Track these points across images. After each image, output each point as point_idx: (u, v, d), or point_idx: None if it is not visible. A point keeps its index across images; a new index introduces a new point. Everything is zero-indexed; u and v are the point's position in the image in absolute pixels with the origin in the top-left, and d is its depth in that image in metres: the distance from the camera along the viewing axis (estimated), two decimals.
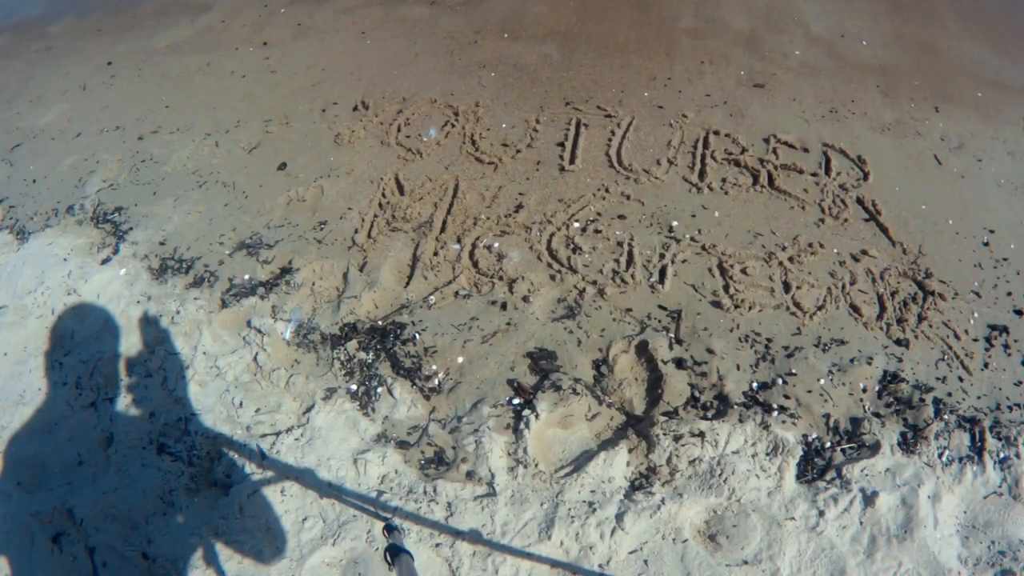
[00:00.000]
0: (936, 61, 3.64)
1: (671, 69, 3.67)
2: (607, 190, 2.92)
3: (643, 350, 2.35)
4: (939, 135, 3.15)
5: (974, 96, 3.38)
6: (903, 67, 3.60)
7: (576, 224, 2.80)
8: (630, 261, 2.63)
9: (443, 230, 2.88)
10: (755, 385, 2.23)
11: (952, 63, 3.62)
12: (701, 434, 2.08)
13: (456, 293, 2.63)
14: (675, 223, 2.75)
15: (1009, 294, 2.47)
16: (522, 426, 2.18)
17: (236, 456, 2.27)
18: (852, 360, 2.27)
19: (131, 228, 3.25)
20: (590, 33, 4.07)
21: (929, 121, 3.24)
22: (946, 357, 2.28)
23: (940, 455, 2.04)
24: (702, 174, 2.96)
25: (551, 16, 4.28)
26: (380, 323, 2.57)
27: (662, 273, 2.57)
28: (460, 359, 2.42)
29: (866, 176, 2.92)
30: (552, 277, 2.62)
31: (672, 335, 2.38)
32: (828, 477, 2.01)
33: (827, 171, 2.96)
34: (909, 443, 2.06)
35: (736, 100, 3.40)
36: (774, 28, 3.95)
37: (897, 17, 4.00)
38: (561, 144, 3.21)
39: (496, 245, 2.76)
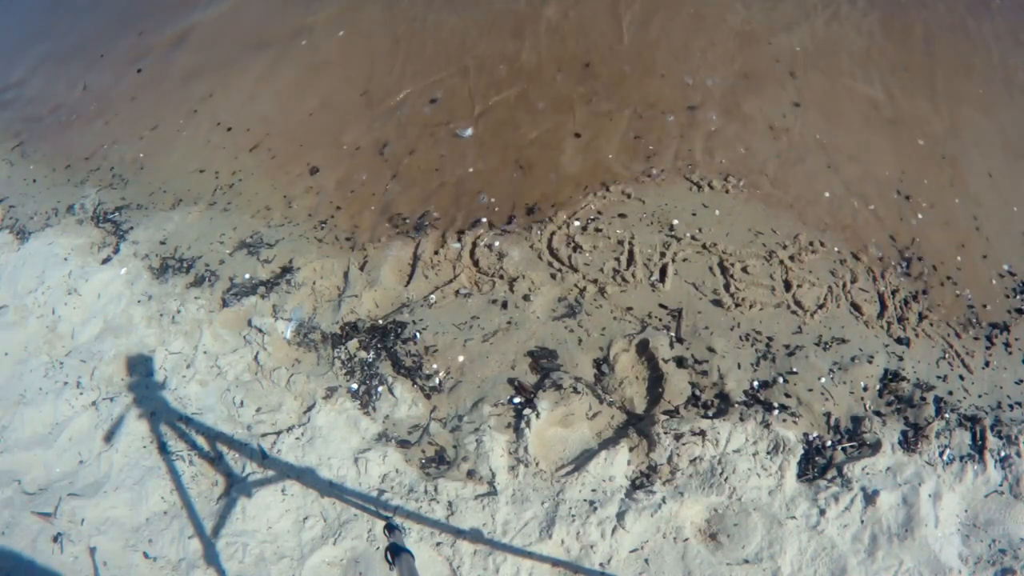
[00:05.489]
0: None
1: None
2: (607, 188, 2.92)
3: (644, 349, 2.35)
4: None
5: (976, 93, 3.37)
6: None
7: (576, 223, 2.79)
8: (631, 260, 2.63)
9: (443, 228, 2.88)
10: (756, 384, 2.23)
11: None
12: (702, 433, 2.08)
13: (457, 292, 2.63)
14: (676, 221, 2.74)
15: (1009, 293, 2.47)
16: (523, 425, 2.18)
17: (237, 455, 2.27)
18: (853, 359, 2.27)
19: (131, 227, 3.25)
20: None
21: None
22: (947, 355, 2.28)
23: (941, 454, 2.03)
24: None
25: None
26: (381, 322, 2.57)
27: (663, 272, 2.57)
28: (461, 358, 2.42)
29: None
30: (553, 276, 2.62)
31: (673, 334, 2.38)
32: (829, 476, 2.01)
33: None
34: (910, 442, 2.06)
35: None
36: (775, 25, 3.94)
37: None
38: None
39: (497, 243, 2.76)
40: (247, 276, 2.84)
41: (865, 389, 2.20)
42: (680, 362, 2.30)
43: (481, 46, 3.77)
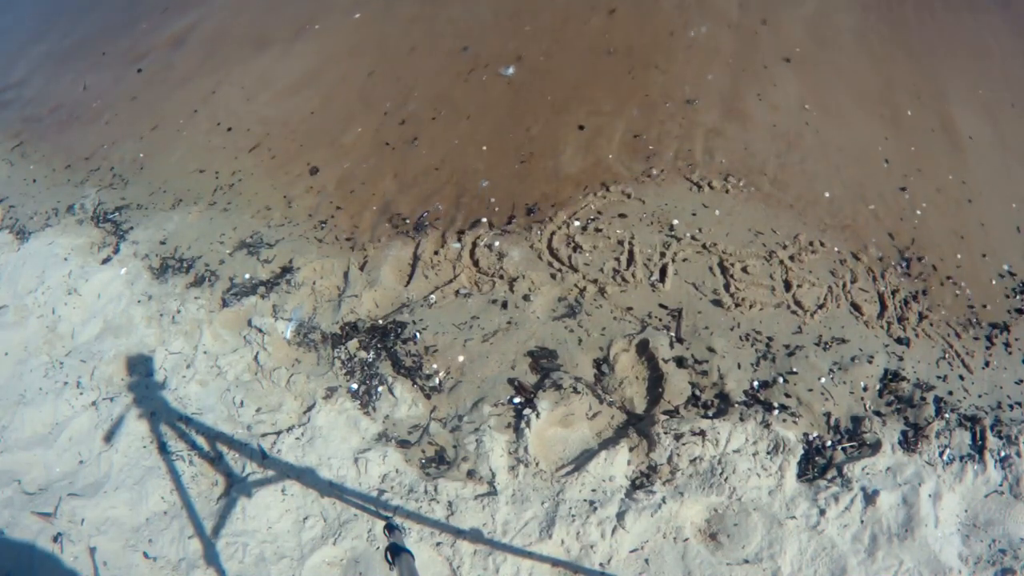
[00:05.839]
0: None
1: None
2: (607, 188, 2.92)
3: (644, 349, 2.35)
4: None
5: (975, 94, 3.37)
6: None
7: (576, 223, 2.79)
8: (631, 260, 2.63)
9: (443, 228, 2.88)
10: (756, 384, 2.23)
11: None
12: (702, 433, 2.08)
13: (457, 292, 2.63)
14: (676, 221, 2.74)
15: (1010, 293, 2.47)
16: (523, 425, 2.17)
17: (237, 455, 2.27)
18: (853, 359, 2.27)
19: (131, 227, 3.25)
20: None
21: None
22: (947, 355, 2.28)
23: (941, 454, 2.03)
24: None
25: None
26: (381, 322, 2.57)
27: (663, 272, 2.57)
28: (461, 358, 2.42)
29: None
30: (553, 276, 2.62)
31: (673, 334, 2.38)
32: (829, 476, 2.01)
33: None
34: (910, 442, 2.06)
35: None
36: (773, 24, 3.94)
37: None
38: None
39: (497, 244, 2.76)
40: (247, 276, 2.84)
41: (865, 389, 2.20)
42: (680, 362, 2.30)
43: (490, 33, 3.81)
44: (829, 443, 2.09)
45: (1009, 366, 2.26)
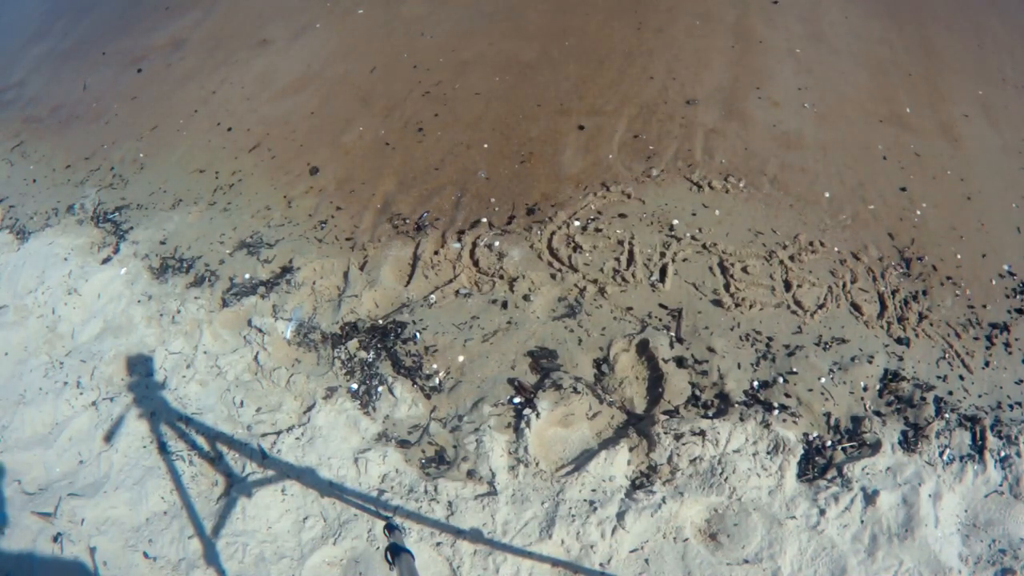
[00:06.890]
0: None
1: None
2: (607, 188, 2.92)
3: (644, 349, 2.35)
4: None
5: (975, 94, 3.37)
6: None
7: (576, 223, 2.79)
8: (631, 260, 2.63)
9: (443, 228, 2.88)
10: (756, 384, 2.23)
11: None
12: (702, 433, 2.08)
13: (457, 292, 2.63)
14: (676, 221, 2.74)
15: (1010, 293, 2.47)
16: (523, 425, 2.17)
17: (237, 455, 2.27)
18: (853, 359, 2.27)
19: (131, 227, 3.25)
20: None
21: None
22: (947, 355, 2.28)
23: (941, 454, 2.03)
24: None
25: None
26: (381, 322, 2.57)
27: (663, 272, 2.57)
28: (461, 358, 2.42)
29: None
30: (553, 276, 2.62)
31: (673, 334, 2.38)
32: (829, 476, 2.01)
33: None
34: (910, 442, 2.06)
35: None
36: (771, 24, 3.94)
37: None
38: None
39: (497, 244, 2.76)
40: (247, 276, 2.84)
41: (865, 389, 2.20)
42: (680, 362, 2.30)
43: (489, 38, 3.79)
44: (829, 443, 2.09)
45: (1009, 366, 2.26)
